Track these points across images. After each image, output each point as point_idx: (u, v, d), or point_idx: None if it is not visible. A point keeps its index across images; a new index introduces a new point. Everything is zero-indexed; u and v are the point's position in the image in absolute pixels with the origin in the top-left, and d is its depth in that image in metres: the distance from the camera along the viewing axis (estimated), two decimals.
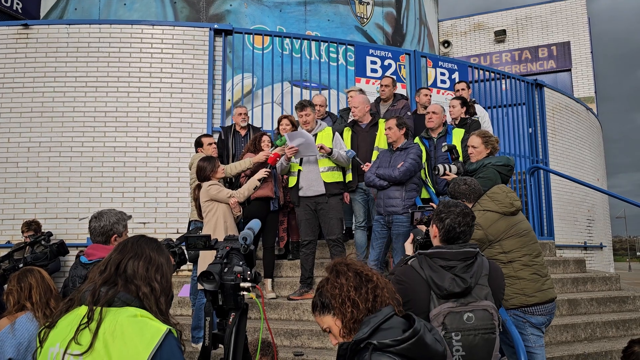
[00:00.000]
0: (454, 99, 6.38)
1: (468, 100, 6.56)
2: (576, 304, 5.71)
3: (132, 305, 1.59)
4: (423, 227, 3.21)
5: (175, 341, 1.56)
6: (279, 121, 6.24)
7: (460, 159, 5.49)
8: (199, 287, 4.62)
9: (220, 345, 1.98)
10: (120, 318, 1.54)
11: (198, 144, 5.77)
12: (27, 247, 5.20)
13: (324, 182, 5.39)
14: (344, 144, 5.59)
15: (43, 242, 4.88)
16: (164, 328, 1.54)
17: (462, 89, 6.81)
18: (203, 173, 4.92)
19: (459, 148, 5.52)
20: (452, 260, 2.42)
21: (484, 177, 4.33)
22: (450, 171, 4.96)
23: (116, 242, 3.00)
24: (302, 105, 5.51)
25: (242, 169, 5.40)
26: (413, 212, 3.28)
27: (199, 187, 4.96)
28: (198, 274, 4.89)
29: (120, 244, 1.75)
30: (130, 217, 3.18)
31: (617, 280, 6.63)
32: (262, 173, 5.11)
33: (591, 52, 14.93)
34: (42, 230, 6.03)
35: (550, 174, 8.50)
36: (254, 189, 5.04)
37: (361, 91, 6.65)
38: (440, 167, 5.01)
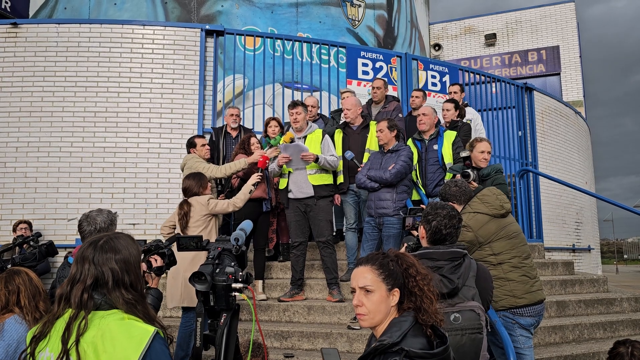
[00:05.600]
0: (447, 101, 6.42)
1: (460, 103, 6.62)
2: (564, 305, 5.75)
3: (119, 309, 1.59)
4: (415, 233, 3.23)
5: (162, 341, 1.57)
6: (267, 123, 6.25)
7: (451, 161, 5.53)
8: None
9: (211, 346, 1.97)
10: (108, 321, 1.54)
11: (191, 144, 5.71)
12: (16, 247, 5.14)
13: (312, 185, 5.40)
14: (332, 147, 5.58)
15: (32, 243, 4.83)
16: (151, 329, 1.55)
17: (455, 92, 6.86)
18: (191, 190, 4.79)
19: (449, 150, 5.56)
20: (440, 260, 2.44)
21: (502, 182, 4.54)
22: (475, 179, 4.88)
23: None
24: (294, 104, 5.51)
25: (237, 170, 5.38)
26: (405, 217, 3.30)
27: (186, 202, 4.75)
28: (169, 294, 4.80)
29: (94, 243, 1.69)
30: (116, 213, 3.16)
31: (605, 283, 6.69)
32: (255, 178, 5.05)
33: (580, 56, 15.09)
34: (31, 231, 5.98)
35: (540, 177, 8.57)
36: (249, 193, 5.02)
37: (353, 94, 6.68)
38: (471, 172, 4.83)
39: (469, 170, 4.79)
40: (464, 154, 4.97)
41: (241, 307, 2.10)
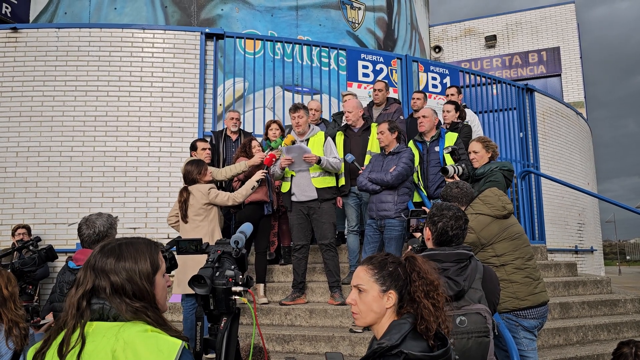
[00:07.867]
0: (447, 103, 6.42)
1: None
2: (568, 307, 5.72)
3: (140, 320, 1.49)
4: (417, 234, 3.20)
5: (190, 356, 1.49)
6: (268, 126, 6.23)
7: (452, 163, 5.51)
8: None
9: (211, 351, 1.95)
10: (129, 333, 1.44)
11: (193, 147, 5.74)
12: (15, 252, 5.12)
13: (315, 187, 5.38)
14: (335, 150, 5.57)
15: (31, 247, 4.81)
16: (179, 342, 1.46)
17: (452, 94, 6.87)
18: (190, 176, 4.90)
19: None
20: (446, 262, 2.41)
21: (494, 180, 4.40)
22: (458, 173, 4.89)
23: None
24: (296, 107, 5.51)
25: (237, 172, 5.38)
26: (409, 218, 3.27)
27: (186, 189, 4.90)
28: (175, 280, 4.80)
29: (103, 247, 1.61)
30: (117, 217, 3.14)
31: (608, 284, 6.66)
32: (259, 175, 5.11)
33: (580, 57, 15.07)
34: (30, 235, 5.96)
35: (541, 178, 8.54)
36: (251, 189, 5.03)
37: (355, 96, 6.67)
38: (450, 168, 4.91)
39: (448, 167, 4.90)
40: (447, 151, 5.17)
41: (242, 311, 2.08)
